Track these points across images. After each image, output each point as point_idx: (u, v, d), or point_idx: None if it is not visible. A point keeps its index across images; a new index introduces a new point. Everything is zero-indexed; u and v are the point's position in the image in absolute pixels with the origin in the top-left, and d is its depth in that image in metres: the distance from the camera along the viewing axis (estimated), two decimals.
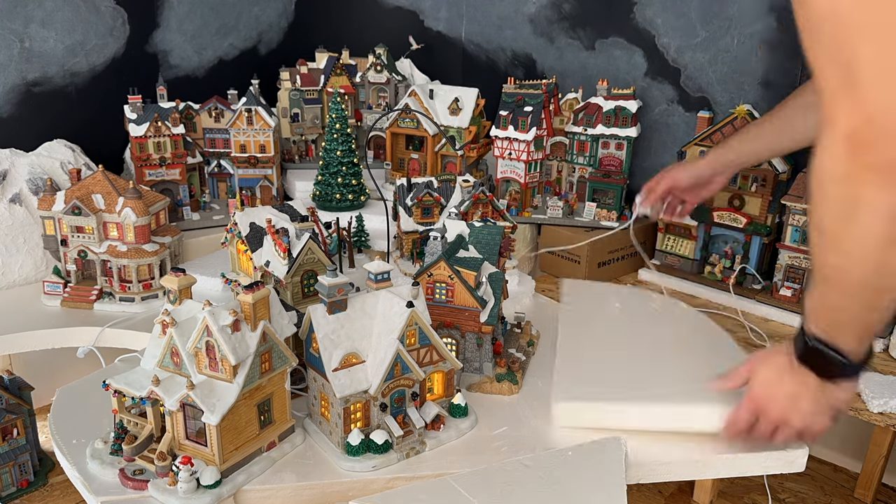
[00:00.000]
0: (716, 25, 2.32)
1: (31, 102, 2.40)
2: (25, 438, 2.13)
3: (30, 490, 2.18)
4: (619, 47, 2.59)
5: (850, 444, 2.44)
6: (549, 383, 1.60)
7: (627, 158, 2.41)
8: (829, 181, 0.93)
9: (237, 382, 1.19)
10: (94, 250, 1.99)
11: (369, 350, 1.32)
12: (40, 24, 2.36)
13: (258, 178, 2.45)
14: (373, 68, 2.72)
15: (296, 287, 1.58)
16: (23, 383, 2.12)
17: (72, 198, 1.95)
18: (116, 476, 1.24)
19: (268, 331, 1.23)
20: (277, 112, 2.61)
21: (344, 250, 2.09)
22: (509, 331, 1.72)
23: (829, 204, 0.95)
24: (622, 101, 2.37)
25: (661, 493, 2.39)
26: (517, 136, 2.36)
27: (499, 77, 2.80)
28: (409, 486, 1.24)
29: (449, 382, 1.42)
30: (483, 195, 1.91)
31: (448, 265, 1.47)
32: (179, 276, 1.28)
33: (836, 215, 0.95)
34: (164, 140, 2.32)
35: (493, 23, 2.97)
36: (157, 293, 2.01)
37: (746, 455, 1.38)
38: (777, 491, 2.36)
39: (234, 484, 1.22)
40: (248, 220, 1.69)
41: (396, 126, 2.51)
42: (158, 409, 1.26)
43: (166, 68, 2.75)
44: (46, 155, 2.32)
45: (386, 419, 1.32)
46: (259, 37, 3.02)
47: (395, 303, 1.33)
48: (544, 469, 1.26)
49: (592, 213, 2.42)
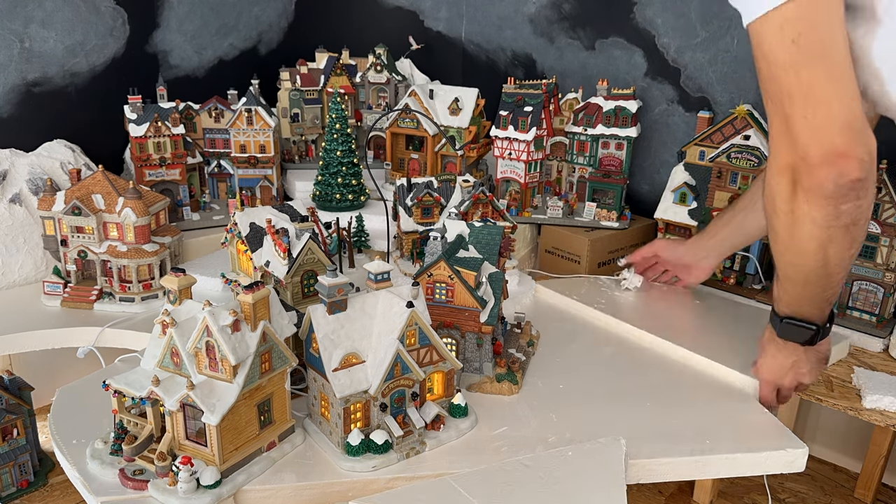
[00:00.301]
0: (716, 25, 2.32)
1: (31, 102, 2.40)
2: (25, 438, 2.13)
3: (30, 490, 2.18)
4: (619, 47, 2.59)
5: (850, 444, 2.44)
6: (549, 383, 1.60)
7: (627, 158, 2.41)
8: (779, 200, 1.24)
9: (237, 382, 1.19)
10: (94, 250, 1.99)
11: (369, 350, 1.32)
12: (40, 25, 2.36)
13: (258, 178, 2.45)
14: (373, 68, 2.72)
15: (296, 287, 1.58)
16: (23, 383, 2.12)
17: (72, 198, 1.95)
18: (116, 476, 1.24)
19: (268, 331, 1.24)
20: (277, 112, 2.61)
21: (344, 250, 2.09)
22: (509, 331, 1.72)
23: (780, 217, 1.26)
24: (622, 101, 2.37)
25: (661, 493, 2.39)
26: (517, 136, 2.36)
27: (499, 77, 2.80)
28: (409, 486, 1.24)
29: (449, 382, 1.42)
30: (483, 195, 1.91)
31: (448, 265, 1.47)
32: (179, 276, 1.28)
33: (785, 225, 1.26)
34: (164, 140, 2.32)
35: (493, 23, 2.97)
36: (157, 293, 2.01)
37: (746, 455, 1.39)
38: (777, 491, 2.36)
39: (234, 484, 1.22)
40: (248, 221, 1.69)
41: (396, 126, 2.51)
42: (158, 409, 1.26)
43: (166, 68, 2.75)
44: (46, 155, 2.32)
45: (386, 419, 1.32)
46: (259, 37, 3.02)
47: (395, 303, 1.33)
48: (544, 469, 1.27)
49: (592, 213, 2.42)
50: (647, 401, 1.54)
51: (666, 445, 1.39)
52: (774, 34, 1.12)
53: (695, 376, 1.66)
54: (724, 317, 1.95)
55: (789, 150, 1.18)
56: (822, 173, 1.15)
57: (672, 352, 1.75)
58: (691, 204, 2.23)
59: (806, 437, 2.49)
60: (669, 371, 1.68)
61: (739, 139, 2.08)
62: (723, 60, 2.33)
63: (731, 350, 1.71)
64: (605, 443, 1.35)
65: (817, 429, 2.50)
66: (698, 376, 1.66)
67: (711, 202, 2.17)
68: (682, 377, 1.66)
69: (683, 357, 1.72)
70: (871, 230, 1.84)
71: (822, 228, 1.21)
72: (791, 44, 1.11)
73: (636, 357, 1.74)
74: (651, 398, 1.55)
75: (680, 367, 1.70)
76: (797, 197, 1.20)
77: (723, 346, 1.74)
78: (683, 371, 1.68)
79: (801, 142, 1.15)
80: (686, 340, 1.76)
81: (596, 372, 1.68)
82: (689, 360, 1.71)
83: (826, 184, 1.15)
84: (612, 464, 1.29)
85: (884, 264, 1.85)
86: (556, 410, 1.49)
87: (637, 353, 1.76)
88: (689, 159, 2.27)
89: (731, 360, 1.66)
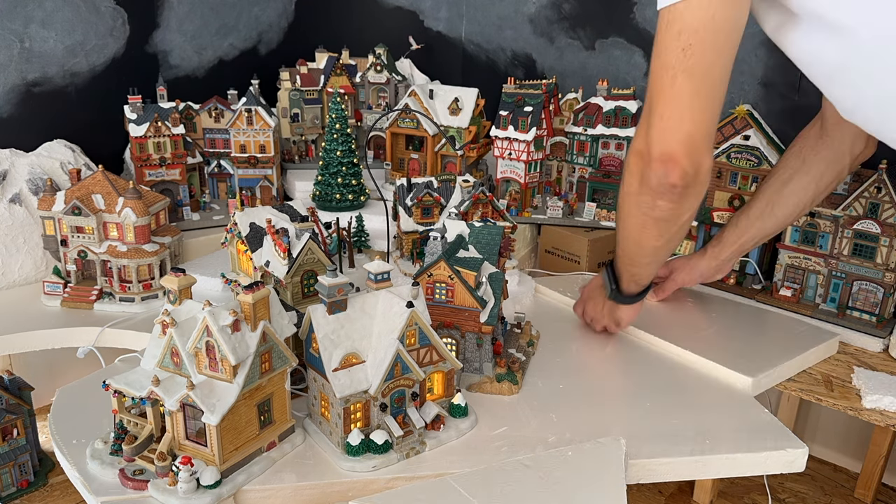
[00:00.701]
0: None
1: (31, 102, 2.40)
2: (25, 438, 2.13)
3: (30, 490, 2.17)
4: (619, 47, 2.59)
5: (850, 444, 2.44)
6: (549, 383, 1.60)
7: None
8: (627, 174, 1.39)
9: (237, 382, 1.19)
10: (94, 250, 1.99)
11: (369, 350, 1.32)
12: (40, 25, 2.36)
13: (258, 178, 2.45)
14: (373, 68, 2.72)
15: (296, 287, 1.58)
16: (23, 383, 2.12)
17: (72, 198, 1.95)
18: (116, 476, 1.24)
19: (268, 331, 1.23)
20: (277, 112, 2.61)
21: (344, 250, 2.09)
22: (509, 331, 1.72)
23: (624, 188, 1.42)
24: (622, 102, 2.37)
25: (661, 493, 2.39)
26: (517, 136, 2.36)
27: (499, 77, 2.80)
28: (409, 486, 1.24)
29: (449, 382, 1.42)
30: (483, 195, 1.91)
31: (448, 265, 1.47)
32: (179, 276, 1.28)
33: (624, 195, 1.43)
34: (164, 140, 2.32)
35: (493, 23, 2.97)
36: (157, 293, 2.01)
37: (746, 455, 1.39)
38: (777, 491, 2.36)
39: (234, 484, 1.22)
40: (248, 221, 1.69)
41: (396, 126, 2.51)
42: (158, 409, 1.26)
43: (166, 68, 2.75)
44: (46, 155, 2.32)
45: (386, 419, 1.32)
46: (259, 37, 3.02)
47: (395, 303, 1.33)
48: (544, 469, 1.27)
49: (592, 213, 2.42)
50: (647, 401, 1.54)
51: (666, 445, 1.39)
52: (672, 36, 1.20)
53: (695, 376, 1.66)
54: (724, 317, 1.94)
55: (643, 136, 1.30)
56: (652, 167, 1.29)
57: (672, 352, 1.75)
58: None
59: (806, 437, 2.49)
60: (669, 371, 1.68)
61: (739, 139, 2.08)
62: None
63: (731, 350, 1.71)
64: (605, 443, 1.35)
65: (817, 429, 2.50)
66: (698, 376, 1.66)
67: (711, 202, 2.17)
68: (682, 377, 1.66)
69: (683, 357, 1.72)
70: (871, 230, 1.84)
71: (640, 213, 1.40)
72: (681, 51, 1.19)
73: (636, 357, 1.74)
74: (651, 398, 1.55)
75: (680, 367, 1.70)
76: (633, 180, 1.36)
77: (722, 346, 1.74)
78: (683, 371, 1.68)
79: (651, 135, 1.27)
80: (686, 340, 1.75)
81: (596, 372, 1.68)
82: (688, 360, 1.71)
83: (652, 178, 1.30)
84: (612, 464, 1.29)
85: (884, 264, 1.85)
86: (556, 410, 1.49)
87: (637, 353, 1.76)
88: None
89: (731, 360, 1.66)
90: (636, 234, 1.47)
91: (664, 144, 1.26)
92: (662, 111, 1.25)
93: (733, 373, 1.63)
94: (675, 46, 1.20)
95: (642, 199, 1.37)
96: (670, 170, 1.27)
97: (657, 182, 1.30)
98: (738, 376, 1.62)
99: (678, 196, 1.32)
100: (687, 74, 1.20)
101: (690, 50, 1.19)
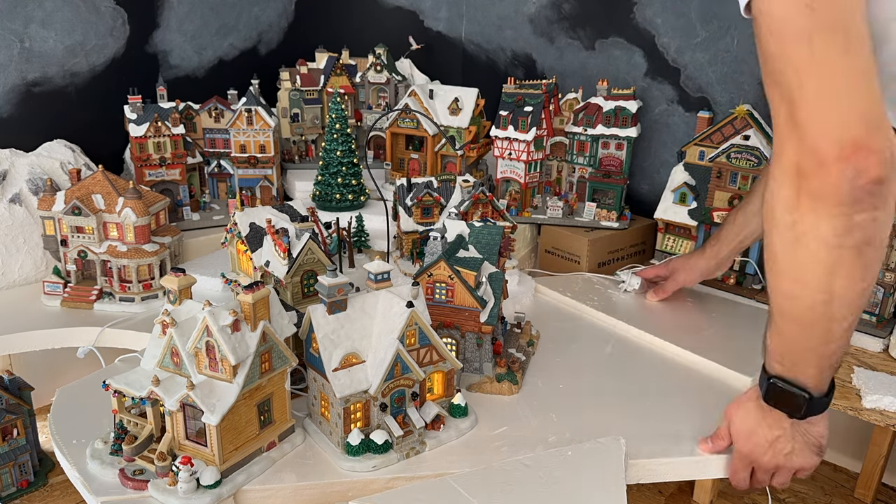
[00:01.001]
0: (716, 25, 2.32)
1: (31, 102, 2.40)
2: (25, 438, 2.13)
3: (30, 490, 2.17)
4: (619, 47, 2.59)
5: (850, 444, 2.44)
6: (549, 383, 1.60)
7: (627, 158, 2.41)
8: (779, 209, 1.00)
9: (237, 382, 1.19)
10: (94, 250, 1.99)
11: (369, 350, 1.32)
12: (40, 25, 2.36)
13: (258, 178, 2.45)
14: (373, 68, 2.72)
15: (296, 287, 1.58)
16: (23, 383, 2.12)
17: (72, 198, 1.95)
18: (116, 476, 1.24)
19: (268, 331, 1.24)
20: (277, 112, 2.61)
21: (344, 250, 2.09)
22: (509, 331, 1.72)
23: (779, 231, 1.02)
24: (622, 102, 2.37)
25: (661, 493, 2.39)
26: (517, 136, 2.36)
27: (499, 77, 2.80)
28: (409, 486, 1.24)
29: (449, 382, 1.42)
30: (483, 195, 1.91)
31: (448, 265, 1.47)
32: (179, 276, 1.28)
33: (784, 243, 1.02)
34: (164, 140, 2.32)
35: (493, 23, 2.97)
36: (157, 293, 2.01)
37: None
38: (777, 491, 2.36)
39: (234, 484, 1.22)
40: (248, 220, 1.69)
41: (396, 126, 2.51)
42: (158, 409, 1.26)
43: (166, 68, 2.75)
44: (46, 155, 2.32)
45: (386, 419, 1.32)
46: (259, 37, 3.01)
47: (395, 303, 1.33)
48: (544, 469, 1.27)
49: (592, 214, 2.42)
50: (647, 401, 1.54)
51: (666, 445, 1.39)
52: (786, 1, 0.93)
53: (695, 376, 1.66)
54: (724, 317, 1.95)
55: (795, 145, 0.95)
56: (835, 171, 0.92)
57: (672, 352, 1.75)
58: (691, 204, 2.23)
59: None
60: (669, 371, 1.68)
61: (739, 139, 2.08)
62: (723, 60, 2.33)
63: (731, 350, 1.71)
64: (605, 443, 1.35)
65: None
66: (698, 376, 1.66)
67: (711, 202, 2.17)
68: (682, 377, 1.66)
69: (683, 357, 1.72)
70: None
71: (830, 248, 0.97)
72: (805, 7, 0.91)
73: (636, 357, 1.74)
74: (651, 398, 1.55)
75: (680, 368, 1.70)
76: (801, 205, 0.97)
77: (723, 347, 1.74)
78: (683, 371, 1.68)
79: (811, 132, 0.93)
80: (686, 340, 1.76)
81: (596, 372, 1.68)
82: (689, 360, 1.71)
83: (841, 184, 0.92)
84: (612, 464, 1.29)
85: (884, 264, 1.85)
86: (556, 410, 1.49)
87: (637, 353, 1.77)
88: (689, 159, 2.27)
89: (731, 360, 1.66)
90: (827, 286, 1.00)
91: (838, 133, 0.92)
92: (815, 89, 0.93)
93: (733, 373, 1.63)
94: (798, 7, 0.91)
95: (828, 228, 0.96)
96: (862, 160, 0.91)
97: (850, 188, 0.92)
98: (738, 376, 1.62)
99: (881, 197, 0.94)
100: (828, 30, 0.91)
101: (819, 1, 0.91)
